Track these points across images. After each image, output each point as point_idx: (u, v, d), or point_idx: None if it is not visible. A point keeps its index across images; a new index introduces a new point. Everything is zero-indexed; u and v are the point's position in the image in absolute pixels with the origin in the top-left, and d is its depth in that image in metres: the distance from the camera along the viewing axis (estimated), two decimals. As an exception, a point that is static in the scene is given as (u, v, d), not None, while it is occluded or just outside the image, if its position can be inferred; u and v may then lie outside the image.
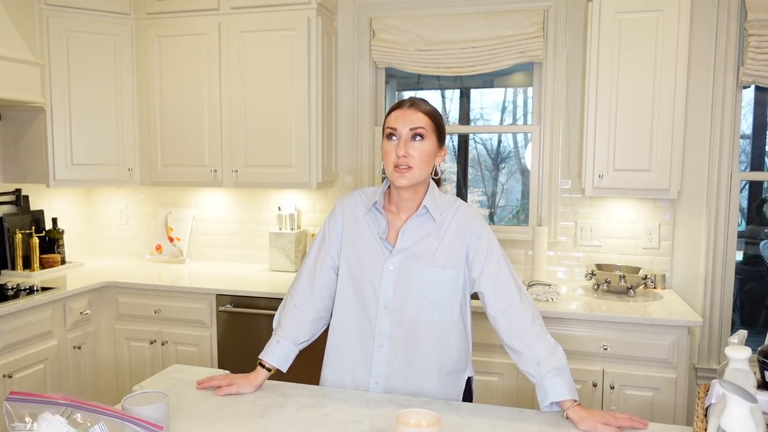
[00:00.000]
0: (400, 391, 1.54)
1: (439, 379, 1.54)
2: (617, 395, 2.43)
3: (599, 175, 2.67)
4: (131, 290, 2.98)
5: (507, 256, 1.57)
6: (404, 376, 1.54)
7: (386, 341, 1.53)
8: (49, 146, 3.07)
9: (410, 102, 1.51)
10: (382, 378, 1.54)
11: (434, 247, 1.51)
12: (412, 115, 1.48)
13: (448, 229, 1.53)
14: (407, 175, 1.46)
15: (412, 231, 1.53)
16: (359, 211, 1.59)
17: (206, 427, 1.33)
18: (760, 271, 3.39)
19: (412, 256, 1.51)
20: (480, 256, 1.52)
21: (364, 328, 1.55)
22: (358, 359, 1.56)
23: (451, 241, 1.52)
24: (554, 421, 1.39)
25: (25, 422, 0.98)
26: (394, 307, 1.52)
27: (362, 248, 1.56)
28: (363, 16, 3.23)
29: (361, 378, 1.56)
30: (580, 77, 2.95)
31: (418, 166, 1.47)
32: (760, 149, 3.12)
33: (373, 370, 1.54)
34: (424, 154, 1.48)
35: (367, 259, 1.54)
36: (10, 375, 2.48)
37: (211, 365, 2.88)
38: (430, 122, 1.50)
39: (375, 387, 1.55)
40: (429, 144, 1.49)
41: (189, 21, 3.14)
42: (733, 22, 2.75)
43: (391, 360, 1.53)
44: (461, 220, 1.53)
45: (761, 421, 1.00)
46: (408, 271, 1.50)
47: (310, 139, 3.01)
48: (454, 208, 1.55)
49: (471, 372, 1.63)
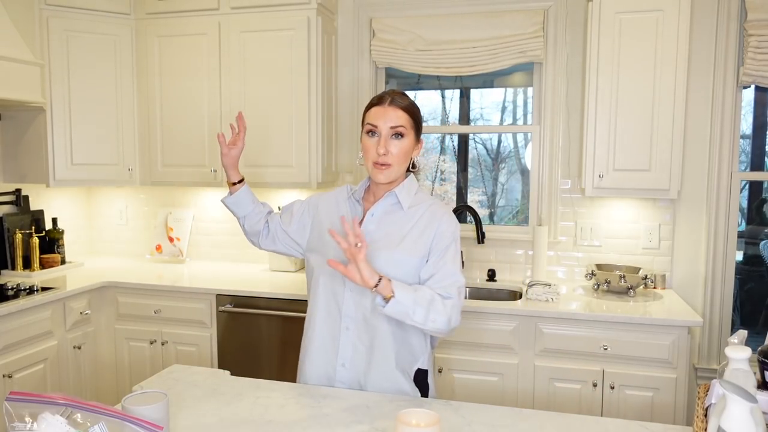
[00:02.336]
0: (364, 376, 1.55)
1: (398, 366, 1.55)
2: (617, 395, 2.43)
3: (599, 175, 2.67)
4: (131, 290, 2.98)
5: (458, 257, 1.58)
6: (367, 358, 1.56)
7: (352, 323, 1.56)
8: (49, 146, 3.07)
9: (390, 98, 1.54)
10: (348, 361, 1.57)
11: (401, 234, 1.55)
12: (392, 112, 1.52)
13: (419, 221, 1.56)
14: (386, 172, 1.53)
15: (381, 216, 1.58)
16: (342, 199, 1.66)
17: (206, 427, 1.33)
18: (760, 271, 3.39)
19: (378, 241, 1.55)
20: (436, 248, 1.53)
21: (333, 312, 1.58)
22: (327, 342, 1.59)
23: (420, 232, 1.55)
24: (554, 421, 1.39)
25: (25, 422, 0.98)
26: (357, 290, 1.55)
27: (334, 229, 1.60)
28: (363, 16, 3.23)
29: (329, 360, 1.59)
30: (580, 77, 2.95)
31: (397, 163, 1.53)
32: (760, 149, 3.12)
33: (340, 352, 1.57)
34: (402, 151, 1.53)
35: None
36: (10, 375, 2.48)
37: (211, 365, 2.88)
38: (410, 119, 1.54)
39: (341, 369, 1.57)
40: (408, 141, 1.54)
41: (189, 21, 3.14)
42: (733, 22, 2.75)
43: (356, 342, 1.56)
44: (433, 214, 1.57)
45: (761, 421, 1.00)
46: (372, 254, 1.53)
47: (310, 139, 3.01)
48: (428, 203, 1.60)
49: (426, 365, 1.62)
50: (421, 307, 1.42)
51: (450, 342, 2.59)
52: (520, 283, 3.06)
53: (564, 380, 2.49)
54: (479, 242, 2.98)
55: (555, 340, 2.49)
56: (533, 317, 2.51)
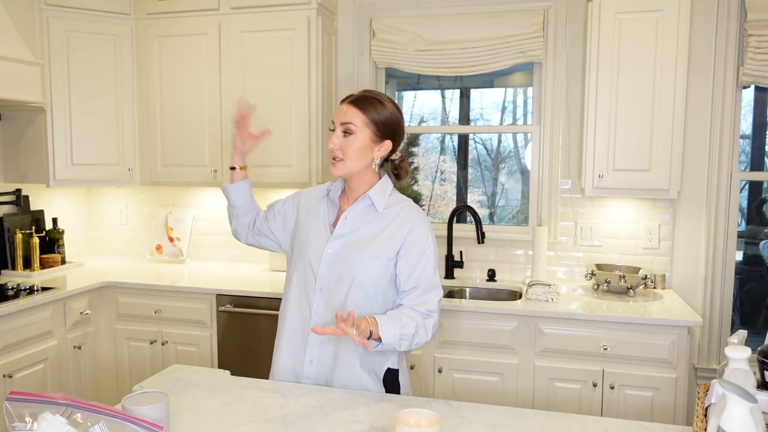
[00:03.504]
0: (330, 373, 1.59)
1: (363, 366, 1.58)
2: (617, 395, 2.43)
3: (599, 175, 2.67)
4: (131, 290, 2.98)
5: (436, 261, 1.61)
6: (334, 357, 1.59)
7: (320, 321, 1.58)
8: (49, 146, 3.07)
9: (352, 98, 1.60)
10: (315, 358, 1.60)
11: (373, 235, 1.58)
12: (346, 110, 1.58)
13: (391, 223, 1.59)
14: (338, 165, 1.57)
15: (355, 218, 1.61)
16: (319, 198, 1.71)
17: (206, 427, 1.33)
18: (760, 271, 3.39)
19: (350, 242, 1.59)
20: (408, 254, 1.56)
21: (304, 309, 1.62)
22: (297, 341, 1.63)
23: (391, 233, 1.58)
24: (554, 421, 1.39)
25: (25, 422, 0.98)
26: (328, 289, 1.58)
27: (310, 232, 1.65)
28: (363, 16, 3.23)
29: (298, 357, 1.62)
30: (580, 77, 2.95)
31: (350, 159, 1.56)
32: (760, 149, 3.12)
33: (308, 349, 1.60)
34: (352, 147, 1.56)
35: (312, 241, 1.63)
36: (10, 375, 2.48)
37: (211, 365, 2.88)
38: (364, 117, 1.56)
39: (309, 366, 1.60)
40: (359, 139, 1.56)
41: (189, 21, 3.14)
42: (733, 22, 2.75)
43: (323, 341, 1.59)
44: (406, 217, 1.60)
45: (761, 421, 1.00)
46: (343, 255, 1.57)
47: (309, 139, 3.01)
48: (402, 205, 1.63)
49: (396, 365, 1.62)
50: (406, 340, 1.47)
51: (450, 342, 2.59)
52: (520, 283, 3.06)
53: (564, 380, 2.49)
54: (479, 242, 2.98)
55: (555, 340, 2.49)
56: (533, 317, 2.51)
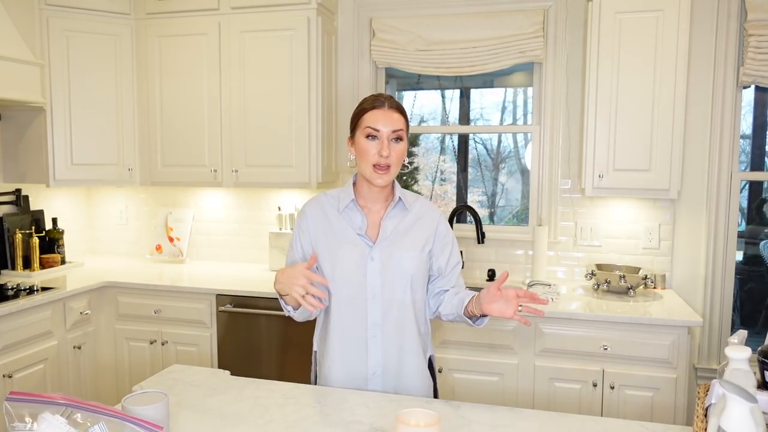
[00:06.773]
0: (396, 375, 1.59)
1: (417, 357, 1.62)
2: (617, 395, 2.43)
3: (599, 175, 2.67)
4: (131, 290, 2.98)
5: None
6: (398, 357, 1.59)
7: (378, 331, 1.57)
8: (49, 146, 3.07)
9: (389, 102, 1.57)
10: (379, 367, 1.59)
11: (408, 232, 1.62)
12: (393, 116, 1.56)
13: (418, 219, 1.64)
14: (385, 176, 1.55)
15: (391, 221, 1.62)
16: (331, 212, 1.63)
17: (206, 427, 1.33)
18: (760, 271, 3.39)
19: (391, 244, 1.59)
20: (446, 246, 1.66)
21: (355, 324, 1.58)
22: (353, 355, 1.59)
23: (422, 226, 1.63)
24: (554, 421, 1.39)
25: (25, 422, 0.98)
26: (383, 296, 1.57)
27: (338, 247, 1.58)
28: (363, 16, 3.23)
29: (359, 371, 1.59)
30: (580, 77, 2.95)
31: (396, 166, 1.58)
32: (760, 149, 3.12)
33: (370, 361, 1.58)
34: (401, 154, 1.58)
35: (348, 256, 1.57)
36: (10, 375, 2.48)
37: (211, 365, 2.88)
38: (405, 123, 1.60)
39: (373, 377, 1.59)
40: (405, 144, 1.60)
41: (189, 21, 3.14)
42: (733, 22, 2.75)
43: (386, 346, 1.58)
44: (427, 211, 1.67)
45: (761, 421, 1.00)
46: (389, 257, 1.57)
47: (310, 139, 3.01)
48: (419, 200, 1.69)
49: (432, 350, 1.72)
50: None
51: (450, 342, 2.59)
52: (520, 283, 3.06)
53: (564, 380, 2.49)
54: (479, 242, 2.98)
55: (555, 340, 2.49)
56: (533, 317, 2.51)
